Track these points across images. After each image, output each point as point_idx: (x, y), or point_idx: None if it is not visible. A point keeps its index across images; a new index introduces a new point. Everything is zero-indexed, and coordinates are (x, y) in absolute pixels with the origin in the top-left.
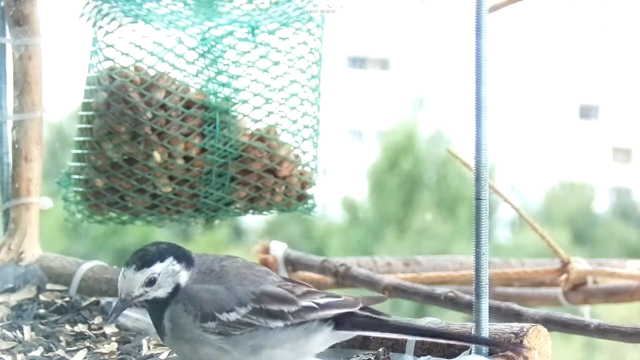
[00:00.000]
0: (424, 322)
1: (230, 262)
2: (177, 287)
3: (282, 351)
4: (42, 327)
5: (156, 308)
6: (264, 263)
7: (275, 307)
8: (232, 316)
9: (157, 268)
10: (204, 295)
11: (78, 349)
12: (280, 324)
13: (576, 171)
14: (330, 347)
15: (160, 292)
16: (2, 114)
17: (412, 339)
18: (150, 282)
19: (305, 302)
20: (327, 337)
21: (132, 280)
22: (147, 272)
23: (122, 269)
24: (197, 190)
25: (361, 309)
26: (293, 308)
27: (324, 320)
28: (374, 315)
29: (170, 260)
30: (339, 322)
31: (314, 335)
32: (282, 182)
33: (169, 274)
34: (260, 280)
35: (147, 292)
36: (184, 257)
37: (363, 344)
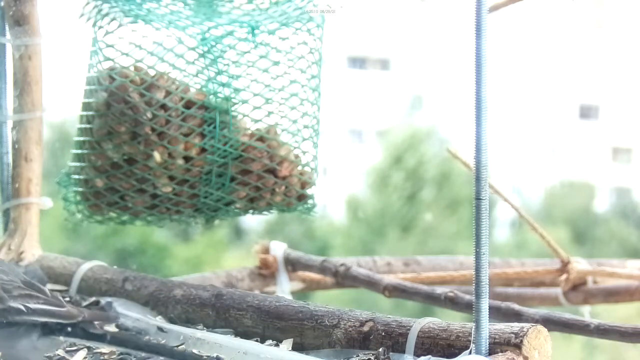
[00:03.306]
0: (424, 322)
1: None
2: None
3: None
4: None
5: None
6: (264, 263)
7: None
8: None
9: None
10: None
11: (78, 348)
12: None
13: (576, 171)
14: (330, 347)
15: None
16: (2, 114)
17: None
18: None
19: (14, 304)
20: (34, 343)
21: None
22: None
23: None
24: (197, 190)
25: (83, 321)
26: None
27: (34, 326)
28: (91, 330)
29: None
30: (51, 330)
31: (20, 338)
32: (282, 182)
33: None
34: None
35: None
36: None
37: (363, 344)
